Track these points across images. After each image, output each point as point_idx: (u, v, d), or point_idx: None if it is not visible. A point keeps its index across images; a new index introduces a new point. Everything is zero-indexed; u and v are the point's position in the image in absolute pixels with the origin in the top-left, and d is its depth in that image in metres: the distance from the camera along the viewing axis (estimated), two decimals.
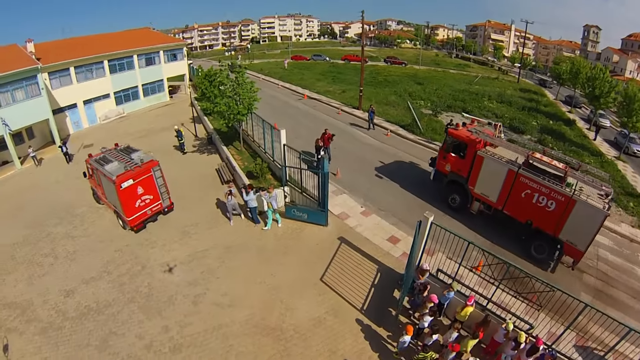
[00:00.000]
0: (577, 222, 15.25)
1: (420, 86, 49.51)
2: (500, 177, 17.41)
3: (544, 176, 16.13)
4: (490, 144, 19.16)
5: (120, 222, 19.76)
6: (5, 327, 14.04)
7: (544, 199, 16.08)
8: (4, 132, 29.93)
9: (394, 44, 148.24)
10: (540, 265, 16.67)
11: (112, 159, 19.28)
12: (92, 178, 20.90)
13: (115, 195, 18.03)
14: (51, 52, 37.18)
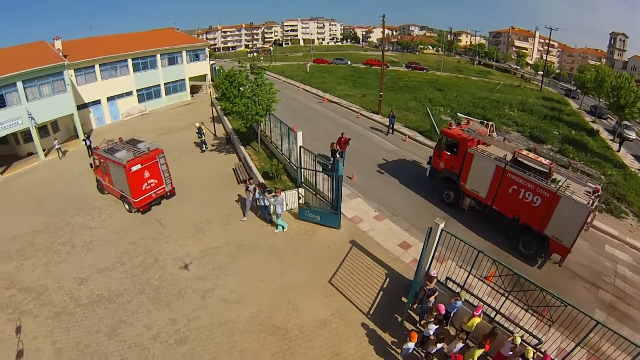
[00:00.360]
0: (562, 217, 15.68)
1: (441, 92, 49.33)
2: (488, 174, 18.13)
3: (529, 172, 16.71)
4: (482, 142, 19.86)
5: (126, 206, 21.36)
6: (20, 310, 14.75)
7: (530, 194, 16.61)
8: (30, 125, 31.26)
9: (416, 49, 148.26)
10: (528, 261, 17.21)
11: (119, 148, 21.18)
12: (99, 169, 22.42)
13: (124, 180, 19.84)
14: (78, 49, 38.64)
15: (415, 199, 21.64)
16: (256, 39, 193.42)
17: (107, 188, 22.78)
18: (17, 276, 16.82)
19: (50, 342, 13.23)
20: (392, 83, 55.82)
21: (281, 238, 18.29)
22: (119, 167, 19.91)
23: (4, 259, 18.07)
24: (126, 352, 12.59)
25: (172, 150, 29.94)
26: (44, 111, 32.31)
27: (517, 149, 18.23)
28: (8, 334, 13.70)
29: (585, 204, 14.99)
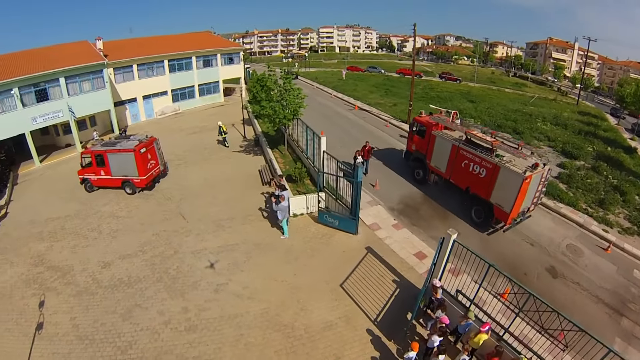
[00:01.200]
0: (502, 186, 18.40)
1: (472, 104, 48.90)
2: (446, 152, 21.58)
3: (477, 148, 19.75)
4: (446, 127, 23.13)
5: (128, 190, 24.48)
6: (46, 286, 16.16)
7: (477, 167, 19.68)
8: (70, 118, 33.58)
9: (451, 60, 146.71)
10: (480, 228, 19.88)
11: (117, 141, 25.06)
12: (90, 166, 24.68)
13: (132, 163, 23.44)
14: (118, 49, 41.28)
15: (437, 210, 21.64)
16: (292, 44, 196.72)
17: (100, 182, 24.95)
18: (47, 255, 18.46)
19: (69, 317, 14.40)
20: (423, 93, 55.83)
21: (298, 240, 18.77)
22: (126, 153, 23.42)
23: (37, 240, 19.86)
24: (138, 334, 13.47)
25: (202, 149, 31.86)
26: (83, 106, 34.74)
27: (468, 130, 21.04)
28: (32, 307, 15.06)
29: (520, 172, 17.43)
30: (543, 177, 18.66)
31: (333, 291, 15.27)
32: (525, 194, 18.00)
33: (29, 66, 32.31)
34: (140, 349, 12.92)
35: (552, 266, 17.31)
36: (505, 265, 15.92)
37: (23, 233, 20.81)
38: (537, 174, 18.05)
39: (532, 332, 11.71)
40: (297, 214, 20.78)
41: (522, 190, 17.51)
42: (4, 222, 22.46)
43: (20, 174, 30.45)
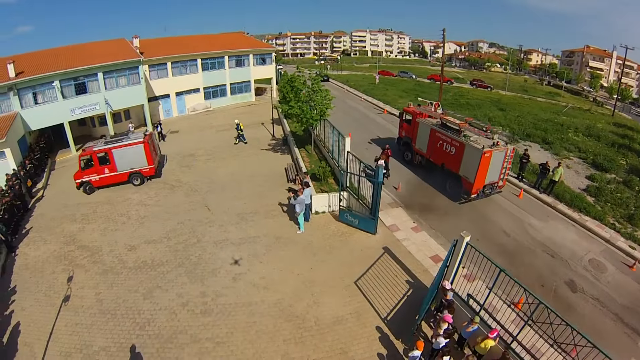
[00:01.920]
0: (467, 160, 21.74)
1: (502, 112, 48.11)
2: (427, 135, 25.38)
3: (449, 131, 23.52)
4: (429, 115, 27.12)
5: (136, 181, 25.90)
6: (75, 263, 17.52)
7: (449, 146, 23.17)
8: (106, 111, 35.46)
9: (483, 67, 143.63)
10: (453, 198, 23.07)
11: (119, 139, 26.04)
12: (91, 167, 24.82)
13: (141, 155, 25.36)
14: (153, 47, 43.27)
15: (457, 215, 21.66)
16: (324, 47, 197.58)
17: (102, 182, 25.32)
18: (78, 236, 19.90)
19: (94, 293, 15.56)
20: (453, 100, 55.35)
21: (318, 236, 19.25)
22: (135, 146, 25.17)
23: (70, 221, 21.40)
24: (156, 313, 14.36)
25: (231, 146, 33.04)
26: (118, 100, 36.65)
27: (442, 115, 25.86)
28: (60, 281, 16.43)
29: (480, 148, 20.77)
30: (507, 156, 21.70)
31: (347, 287, 15.61)
32: (487, 168, 21.20)
33: (70, 61, 34.37)
34: (158, 326, 13.75)
35: (571, 280, 16.81)
36: (522, 276, 15.63)
37: (57, 214, 22.44)
38: (498, 151, 21.25)
39: (545, 345, 11.38)
40: (319, 211, 21.27)
41: (483, 163, 20.77)
42: (39, 204, 24.31)
43: (58, 161, 32.63)
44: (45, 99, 32.40)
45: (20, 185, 24.02)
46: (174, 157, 31.08)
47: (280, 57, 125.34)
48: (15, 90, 30.34)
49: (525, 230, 20.04)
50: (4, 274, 17.41)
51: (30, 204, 24.36)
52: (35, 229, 21.20)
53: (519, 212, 21.79)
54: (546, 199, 23.27)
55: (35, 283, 16.58)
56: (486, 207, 22.10)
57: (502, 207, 22.27)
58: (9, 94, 30.18)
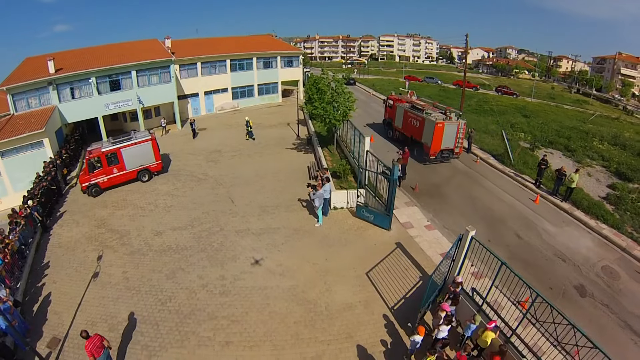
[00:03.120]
0: (426, 130, 28.93)
1: (526, 119, 47.91)
2: (402, 115, 33.07)
3: (415, 110, 31.18)
4: (406, 101, 34.56)
5: (145, 177, 27.15)
6: (105, 244, 19.16)
7: (415, 121, 30.65)
8: (138, 107, 37.35)
9: (511, 73, 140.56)
10: (421, 162, 29.55)
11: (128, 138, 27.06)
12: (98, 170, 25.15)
13: (150, 151, 26.89)
14: (184, 48, 45.41)
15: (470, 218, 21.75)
16: (352, 51, 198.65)
17: (110, 182, 25.78)
18: (108, 220, 21.58)
19: (121, 271, 17.06)
20: (477, 106, 55.53)
21: (335, 229, 20.14)
22: (144, 144, 26.49)
23: (101, 207, 23.25)
24: (177, 291, 15.58)
25: (256, 144, 34.63)
26: (150, 97, 38.57)
27: (412, 100, 35.09)
28: (91, 259, 18.12)
29: (434, 120, 27.72)
30: (459, 128, 28.39)
31: (358, 278, 16.39)
32: (442, 136, 28.01)
33: (106, 59, 36.59)
34: (178, 303, 14.94)
35: (581, 285, 16.72)
36: (531, 278, 15.87)
37: (89, 200, 24.35)
38: (450, 124, 28.00)
39: (547, 344, 11.52)
40: (337, 207, 22.16)
41: (437, 132, 27.63)
42: (73, 190, 26.38)
43: None
44: (82, 94, 34.61)
45: (56, 172, 25.93)
46: (201, 152, 32.75)
47: (308, 60, 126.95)
48: (55, 85, 32.61)
49: (538, 234, 20.25)
50: (38, 251, 19.14)
51: (64, 190, 26.36)
52: (68, 213, 23.04)
53: (535, 217, 21.95)
54: (563, 205, 23.29)
55: (67, 260, 18.27)
56: (502, 211, 22.44)
57: (517, 211, 22.53)
58: (49, 89, 32.46)
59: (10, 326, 12.73)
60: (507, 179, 27.22)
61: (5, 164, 26.95)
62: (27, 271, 17.44)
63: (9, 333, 13.00)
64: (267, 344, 13.08)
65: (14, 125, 28.67)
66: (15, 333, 12.84)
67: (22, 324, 13.77)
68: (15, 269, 16.70)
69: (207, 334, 13.47)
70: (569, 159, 31.30)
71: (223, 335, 13.42)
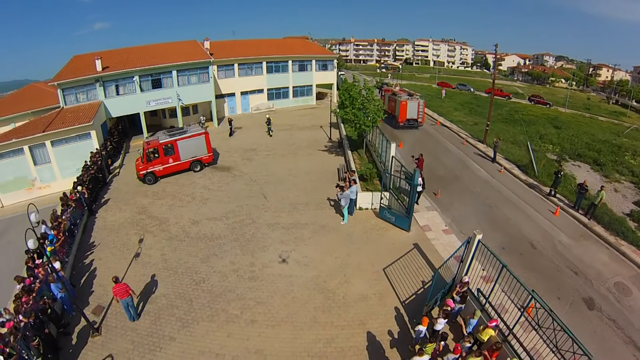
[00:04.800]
0: (397, 107, 43.12)
1: (556, 130, 47.53)
2: (387, 99, 46.11)
3: (393, 95, 45.39)
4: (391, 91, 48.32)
5: (197, 168, 30.22)
6: (146, 229, 21.70)
7: (392, 103, 44.51)
8: (177, 105, 40.11)
9: (547, 82, 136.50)
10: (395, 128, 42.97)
11: (181, 131, 30.25)
12: (155, 160, 28.20)
13: (203, 144, 30.04)
14: (222, 49, 48.49)
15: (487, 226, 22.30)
16: (387, 55, 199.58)
17: (165, 171, 28.89)
18: (149, 208, 24.16)
19: (160, 254, 19.43)
20: (508, 115, 55.61)
21: (358, 228, 21.71)
22: (198, 137, 29.62)
23: (142, 196, 25.95)
24: (210, 274, 17.66)
25: (290, 144, 36.66)
26: (189, 95, 41.41)
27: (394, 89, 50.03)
28: (133, 242, 20.73)
29: (399, 100, 42.74)
30: (419, 105, 42.92)
31: (375, 273, 17.90)
32: (406, 110, 42.48)
33: (148, 59, 39.83)
34: (211, 284, 16.98)
35: (590, 298, 16.91)
36: (539, 286, 16.36)
37: (131, 189, 27.12)
38: (413, 101, 42.85)
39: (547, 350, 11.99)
40: (362, 207, 23.72)
41: (402, 107, 42.33)
42: (116, 179, 29.38)
43: (132, 145, 38.13)
44: (126, 91, 37.89)
45: (101, 162, 28.69)
46: (237, 150, 35.27)
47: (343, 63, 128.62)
48: (101, 82, 35.97)
49: (554, 245, 20.84)
50: (85, 232, 21.85)
51: (108, 179, 29.18)
52: (112, 200, 25.78)
53: (552, 228, 22.51)
54: (583, 219, 23.43)
55: (112, 241, 20.83)
56: (520, 221, 23.15)
57: (535, 222, 23.14)
58: (96, 85, 35.88)
59: (63, 293, 15.21)
60: (530, 190, 27.75)
61: (55, 152, 30.13)
62: (75, 248, 20.02)
63: (62, 299, 15.43)
64: (287, 325, 14.76)
65: (64, 118, 31.88)
66: (67, 299, 15.33)
67: (71, 293, 15.96)
68: (66, 245, 19.07)
69: (235, 312, 15.33)
70: (597, 173, 31.62)
71: (249, 314, 15.22)
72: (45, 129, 29.46)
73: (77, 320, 15.12)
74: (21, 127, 31.82)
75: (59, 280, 14.99)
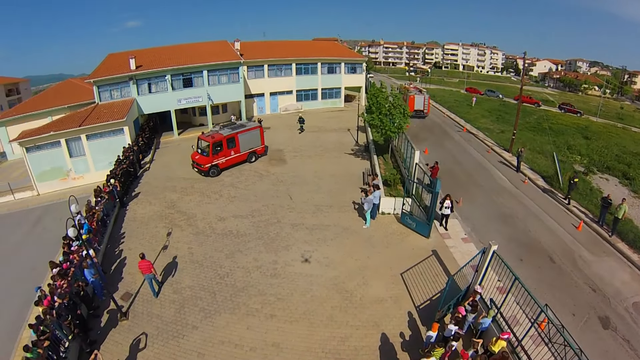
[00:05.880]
0: (407, 100, 49.60)
1: (586, 141, 46.34)
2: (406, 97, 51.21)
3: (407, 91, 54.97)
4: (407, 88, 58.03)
5: (253, 158, 33.23)
6: (174, 223, 23.03)
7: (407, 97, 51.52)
8: (207, 104, 41.74)
9: (579, 89, 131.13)
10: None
11: (239, 125, 33.11)
12: (219, 152, 30.40)
13: (258, 137, 33.46)
14: (252, 50, 50.06)
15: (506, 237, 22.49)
16: (416, 58, 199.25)
17: (227, 163, 31.24)
18: (177, 203, 25.54)
19: (187, 247, 20.70)
20: (536, 123, 54.57)
21: (380, 232, 22.35)
22: (255, 130, 32.91)
23: (171, 191, 27.37)
24: (234, 269, 18.70)
25: (317, 146, 37.68)
26: (219, 95, 43.02)
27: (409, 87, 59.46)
28: (161, 234, 22.07)
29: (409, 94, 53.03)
30: (425, 98, 53.35)
31: (393, 277, 18.49)
32: (414, 103, 51.73)
33: (180, 58, 41.54)
34: (234, 279, 18.02)
35: (606, 316, 16.72)
36: (555, 302, 16.50)
37: (160, 184, 28.56)
38: (419, 96, 53.50)
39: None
40: (385, 212, 24.35)
41: (410, 100, 51.00)
42: (146, 174, 30.94)
43: (162, 142, 39.99)
44: (158, 89, 39.68)
45: (133, 156, 30.25)
46: None
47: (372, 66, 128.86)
48: (135, 80, 37.87)
49: (573, 260, 20.74)
50: (116, 223, 23.44)
51: (139, 173, 30.77)
52: (142, 193, 27.30)
53: (573, 243, 22.40)
54: (606, 234, 23.03)
55: (141, 232, 22.24)
56: (540, 233, 23.16)
57: (556, 235, 23.06)
58: (129, 83, 37.79)
59: (96, 278, 16.62)
60: (553, 202, 27.61)
61: (89, 146, 31.97)
62: (107, 237, 21.51)
63: (94, 284, 16.87)
64: (304, 321, 15.58)
65: (99, 114, 33.78)
66: (98, 284, 16.77)
67: (102, 278, 17.18)
68: (99, 234, 20.51)
69: (256, 306, 16.27)
70: (625, 188, 31.13)
71: (269, 309, 16.13)
72: (81, 124, 31.35)
73: (107, 304, 16.52)
74: (58, 120, 34.14)
75: (92, 267, 16.35)
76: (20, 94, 72.02)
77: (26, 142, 29.87)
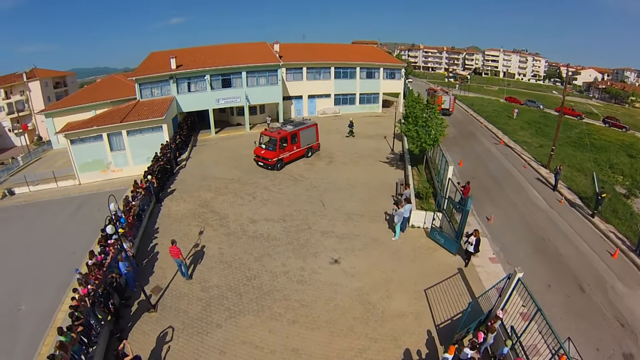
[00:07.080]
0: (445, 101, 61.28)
1: (630, 159, 43.50)
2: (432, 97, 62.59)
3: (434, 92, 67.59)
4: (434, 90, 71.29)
5: (309, 154, 36.24)
6: (207, 222, 24.11)
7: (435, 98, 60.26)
8: (245, 104, 43.01)
9: (626, 101, 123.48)
10: None
11: (298, 122, 35.65)
12: (285, 147, 32.99)
13: (314, 133, 36.42)
14: (291, 52, 51.16)
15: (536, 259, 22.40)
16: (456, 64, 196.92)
17: (290, 157, 33.95)
18: (211, 203, 26.60)
19: (217, 247, 21.66)
20: (577, 138, 52.14)
21: (408, 245, 22.60)
22: (311, 127, 35.82)
23: (205, 190, 28.51)
24: (262, 273, 19.42)
25: (352, 153, 38.22)
26: (257, 96, 44.25)
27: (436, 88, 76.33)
28: (193, 232, 23.37)
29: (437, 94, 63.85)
30: (450, 98, 62.64)
31: (417, 292, 18.70)
32: (442, 102, 58.50)
33: (220, 59, 43.16)
34: (260, 282, 18.75)
35: (631, 354, 16.01)
36: (580, 334, 16.19)
37: (195, 182, 29.82)
38: (446, 95, 63.31)
39: None
40: (415, 225, 24.48)
41: (439, 100, 58.37)
42: (182, 171, 32.36)
43: (199, 140, 41.59)
44: (197, 89, 41.40)
45: (170, 154, 31.65)
46: None
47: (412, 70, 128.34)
48: (175, 79, 39.65)
49: (605, 291, 19.95)
50: (151, 218, 24.80)
51: (175, 170, 32.14)
52: (177, 190, 28.61)
53: (606, 272, 21.55)
54: None
55: (174, 229, 23.43)
56: (572, 259, 22.53)
57: (589, 261, 22.31)
58: (170, 82, 39.60)
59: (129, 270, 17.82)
60: (589, 225, 26.64)
61: (129, 141, 33.75)
62: (142, 232, 22.86)
63: (127, 275, 18.04)
64: (325, 330, 16.10)
65: (139, 110, 35.63)
66: (131, 276, 17.99)
67: (135, 271, 18.33)
68: (134, 228, 21.76)
69: (279, 311, 16.92)
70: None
71: (292, 315, 16.75)
72: (122, 120, 33.14)
73: (137, 296, 17.69)
74: (101, 115, 36.22)
75: (126, 259, 17.49)
76: (67, 87, 76.33)
77: (71, 134, 31.91)
